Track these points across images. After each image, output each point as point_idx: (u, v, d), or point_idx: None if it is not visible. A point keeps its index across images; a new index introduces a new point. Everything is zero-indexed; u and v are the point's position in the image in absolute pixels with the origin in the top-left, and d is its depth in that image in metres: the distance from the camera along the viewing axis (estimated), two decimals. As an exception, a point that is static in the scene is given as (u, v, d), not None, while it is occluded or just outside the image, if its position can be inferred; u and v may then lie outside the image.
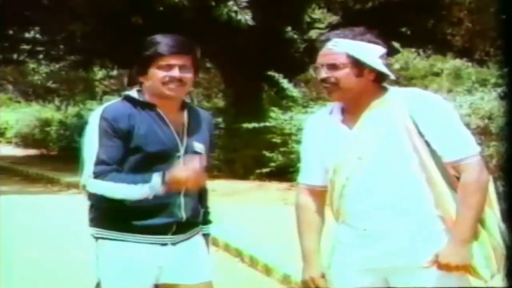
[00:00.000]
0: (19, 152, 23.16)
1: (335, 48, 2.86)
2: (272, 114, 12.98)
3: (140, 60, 3.06)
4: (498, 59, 12.66)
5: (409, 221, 2.80)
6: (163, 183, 2.93)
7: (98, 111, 3.04)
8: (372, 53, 2.86)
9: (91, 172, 2.96)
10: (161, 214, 3.03)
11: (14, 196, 11.92)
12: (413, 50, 17.36)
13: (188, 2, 12.47)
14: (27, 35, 18.46)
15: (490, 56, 14.97)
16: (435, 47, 16.82)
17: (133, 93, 3.09)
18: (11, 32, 17.60)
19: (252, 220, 8.94)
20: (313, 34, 15.03)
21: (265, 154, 12.66)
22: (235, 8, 12.50)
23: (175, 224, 3.08)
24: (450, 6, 15.53)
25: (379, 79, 2.90)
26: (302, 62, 13.65)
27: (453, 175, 2.81)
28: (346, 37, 2.87)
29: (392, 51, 14.89)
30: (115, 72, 24.88)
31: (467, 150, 2.80)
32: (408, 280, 2.82)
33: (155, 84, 3.02)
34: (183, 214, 3.08)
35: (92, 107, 21.35)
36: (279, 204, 9.82)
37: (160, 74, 3.00)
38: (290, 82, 13.28)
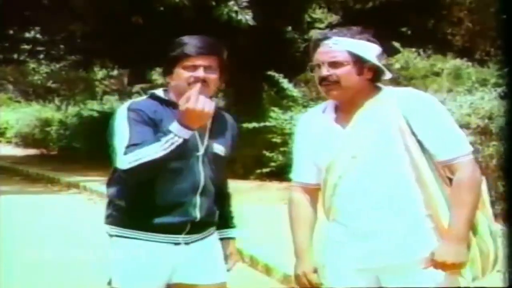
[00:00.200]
0: (19, 152, 23.17)
1: (336, 46, 2.86)
2: (272, 114, 12.97)
3: (167, 60, 3.09)
4: (498, 59, 12.65)
5: (400, 220, 2.81)
6: (181, 124, 2.89)
7: (124, 106, 3.07)
8: (371, 51, 2.87)
9: (123, 153, 2.93)
10: (175, 213, 3.03)
11: (14, 196, 11.92)
12: (413, 50, 17.36)
13: (188, 2, 12.47)
14: (27, 35, 18.51)
15: (490, 56, 14.96)
16: (435, 47, 16.82)
17: (159, 92, 3.13)
18: (11, 32, 17.64)
19: (252, 220, 8.93)
20: (313, 34, 15.05)
21: (265, 154, 12.65)
22: (236, 8, 12.51)
23: (189, 224, 3.08)
24: (450, 6, 15.54)
25: (375, 79, 2.91)
26: (302, 62, 13.58)
27: (444, 175, 2.82)
28: (345, 35, 2.88)
29: (392, 51, 14.90)
30: (115, 72, 24.93)
31: (460, 149, 2.81)
32: (401, 280, 2.83)
33: (180, 84, 3.04)
34: (197, 214, 3.07)
35: (92, 107, 21.47)
36: (279, 204, 9.80)
37: (185, 75, 3.02)
38: (290, 82, 13.27)
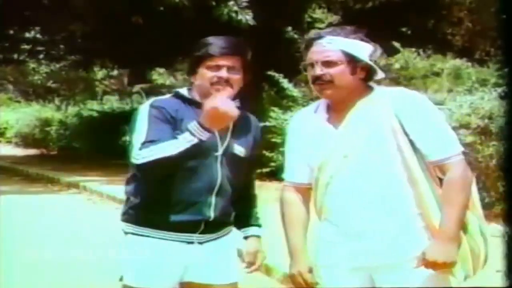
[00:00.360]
0: (19, 152, 23.16)
1: (330, 45, 2.87)
2: (272, 114, 12.96)
3: (191, 60, 3.12)
4: (498, 59, 12.65)
5: (392, 219, 2.81)
6: (201, 125, 2.91)
7: (147, 103, 3.09)
8: (364, 50, 2.88)
9: (139, 148, 2.96)
10: (190, 212, 3.03)
11: (14, 196, 11.91)
12: (413, 50, 17.38)
13: (188, 2, 12.47)
14: (27, 35, 18.49)
15: (490, 56, 14.97)
16: (435, 47, 16.83)
17: (183, 90, 3.14)
18: (11, 32, 17.62)
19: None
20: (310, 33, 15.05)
21: (265, 154, 12.63)
22: (236, 8, 12.50)
23: (203, 223, 3.08)
24: (450, 6, 15.54)
25: (368, 78, 2.91)
26: (302, 62, 13.63)
27: (434, 175, 2.83)
28: (339, 34, 2.89)
29: (392, 51, 14.90)
30: (115, 72, 24.93)
31: (451, 150, 2.82)
32: (393, 279, 2.83)
33: (203, 84, 3.06)
34: (212, 213, 3.07)
35: (92, 107, 21.49)
36: (279, 204, 9.80)
37: (208, 74, 3.04)
38: (290, 82, 13.26)
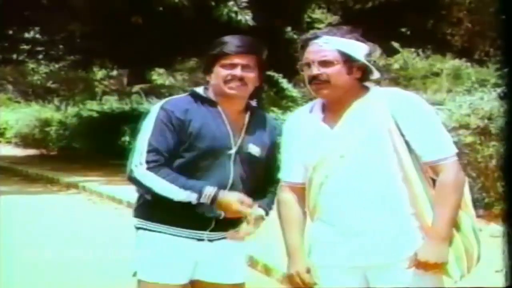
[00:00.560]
0: (19, 152, 23.14)
1: (326, 45, 2.88)
2: (272, 114, 12.98)
3: (207, 59, 3.15)
4: (498, 59, 12.65)
5: (387, 219, 2.82)
6: (212, 202, 2.99)
7: (160, 102, 3.13)
8: (360, 50, 2.89)
9: (144, 160, 3.00)
10: (200, 209, 3.04)
11: (13, 196, 11.91)
12: (412, 50, 17.37)
13: (188, 2, 12.47)
14: (27, 35, 18.49)
15: (490, 56, 14.97)
16: (434, 47, 16.83)
17: (199, 89, 3.16)
18: (11, 32, 17.62)
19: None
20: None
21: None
22: (235, 8, 12.51)
23: (214, 221, 3.09)
24: (450, 6, 15.55)
25: (363, 78, 2.92)
26: (299, 62, 13.63)
27: (428, 176, 2.85)
28: (335, 34, 2.90)
29: (391, 51, 14.90)
30: (115, 72, 24.93)
31: (445, 151, 2.84)
32: (387, 278, 2.84)
33: (218, 82, 3.08)
34: (222, 212, 3.07)
35: (92, 107, 21.47)
36: (277, 204, 9.79)
37: (223, 73, 3.07)
38: (290, 82, 13.26)
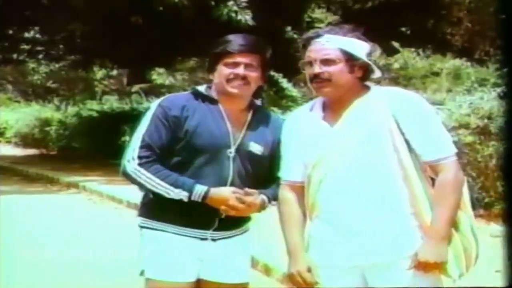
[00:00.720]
0: (19, 151, 23.13)
1: (328, 43, 2.89)
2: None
3: (210, 58, 3.15)
4: (498, 59, 12.65)
5: (386, 218, 2.82)
6: (203, 198, 2.98)
7: (158, 100, 3.13)
8: (362, 49, 2.90)
9: (137, 155, 3.00)
10: (203, 208, 3.03)
11: (13, 196, 11.91)
12: (412, 50, 17.36)
13: (188, 2, 12.47)
14: (27, 35, 18.49)
15: (490, 56, 14.96)
16: (434, 47, 16.81)
17: (201, 87, 3.16)
18: (11, 32, 17.62)
19: (252, 220, 8.92)
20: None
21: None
22: (235, 8, 12.51)
23: (217, 220, 3.09)
24: (450, 6, 15.56)
25: (365, 77, 2.93)
26: (300, 61, 13.64)
27: (427, 175, 2.85)
28: (337, 33, 2.90)
29: (391, 50, 14.90)
30: (115, 72, 24.93)
31: (445, 151, 2.85)
32: (386, 278, 2.84)
33: (220, 80, 3.08)
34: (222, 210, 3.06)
35: (92, 107, 21.45)
36: (277, 203, 9.78)
37: (225, 71, 3.06)
38: (289, 82, 13.26)
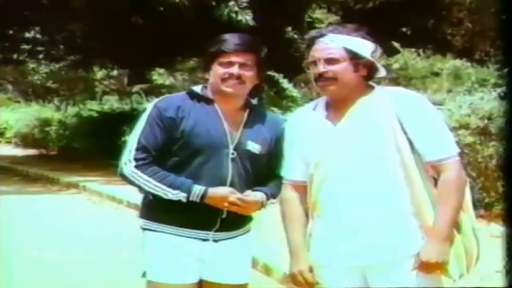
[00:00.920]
0: (19, 152, 23.14)
1: (332, 43, 2.89)
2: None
3: (205, 57, 3.15)
4: (498, 59, 12.65)
5: (387, 217, 2.82)
6: (202, 198, 2.98)
7: (154, 101, 3.13)
8: (366, 48, 2.89)
9: (133, 157, 3.01)
10: (203, 209, 3.02)
11: (13, 196, 11.91)
12: (413, 50, 17.37)
13: (188, 2, 12.47)
14: (27, 35, 18.50)
15: (490, 56, 14.98)
16: (435, 47, 16.84)
17: (197, 87, 3.16)
18: (11, 32, 17.63)
19: (252, 220, 8.91)
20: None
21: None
22: (236, 8, 12.51)
23: (219, 221, 3.09)
24: (450, 6, 15.56)
25: (369, 76, 2.92)
26: (302, 62, 13.63)
27: (430, 175, 2.85)
28: (341, 32, 2.90)
29: (391, 51, 14.91)
30: (115, 72, 24.91)
31: (448, 151, 2.84)
32: (386, 278, 2.83)
33: (215, 80, 3.08)
34: (224, 211, 3.06)
35: (92, 107, 21.45)
36: (279, 203, 9.78)
37: (220, 71, 3.06)
38: (290, 82, 13.27)
